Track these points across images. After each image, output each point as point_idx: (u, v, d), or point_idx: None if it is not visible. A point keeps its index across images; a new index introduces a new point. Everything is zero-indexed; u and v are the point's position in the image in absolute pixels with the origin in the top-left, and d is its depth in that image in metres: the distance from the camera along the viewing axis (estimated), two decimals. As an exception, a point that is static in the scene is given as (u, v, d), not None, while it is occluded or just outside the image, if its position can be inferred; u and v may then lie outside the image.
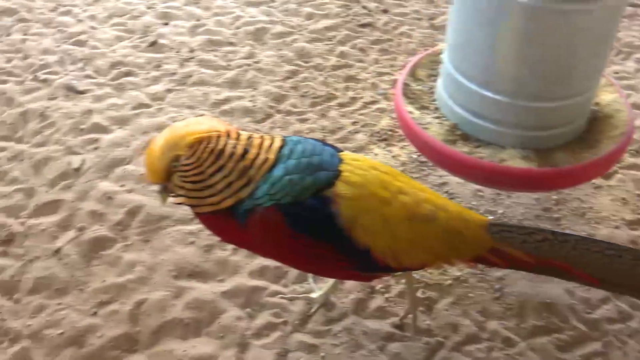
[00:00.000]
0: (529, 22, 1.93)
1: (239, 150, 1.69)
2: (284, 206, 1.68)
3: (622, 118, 2.26)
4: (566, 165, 2.12)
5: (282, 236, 1.72)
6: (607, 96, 2.37)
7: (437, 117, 2.30)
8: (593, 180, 2.61)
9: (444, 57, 2.28)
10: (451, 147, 2.17)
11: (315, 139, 1.83)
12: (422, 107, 2.35)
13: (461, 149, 2.16)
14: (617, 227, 2.49)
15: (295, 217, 1.69)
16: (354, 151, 2.76)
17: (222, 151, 1.68)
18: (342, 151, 1.82)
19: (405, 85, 2.42)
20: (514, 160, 2.12)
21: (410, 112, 2.28)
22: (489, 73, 2.09)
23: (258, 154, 1.71)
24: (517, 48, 2.00)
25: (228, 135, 1.72)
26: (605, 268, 1.74)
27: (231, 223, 1.72)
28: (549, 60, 2.00)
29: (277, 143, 1.75)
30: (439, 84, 2.35)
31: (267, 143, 1.74)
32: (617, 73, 3.33)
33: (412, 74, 2.49)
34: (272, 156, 1.71)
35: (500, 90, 2.09)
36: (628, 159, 2.81)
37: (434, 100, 2.38)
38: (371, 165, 1.80)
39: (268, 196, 1.68)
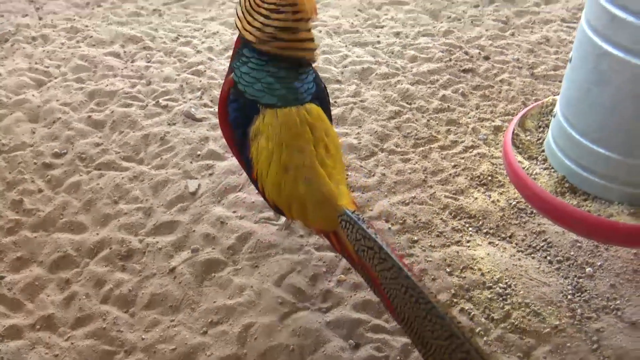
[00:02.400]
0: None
1: (289, 24, 1.96)
2: (237, 86, 2.08)
3: None
4: None
5: (222, 97, 2.16)
6: None
7: (546, 168, 2.29)
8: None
9: (557, 110, 2.28)
10: (560, 198, 2.16)
11: (323, 86, 2.21)
12: (531, 158, 2.35)
13: (570, 201, 2.16)
14: None
15: (234, 96, 2.10)
16: (454, 194, 2.78)
17: (281, 11, 1.93)
18: (323, 104, 2.18)
19: (515, 135, 2.42)
20: (622, 216, 2.10)
21: (520, 162, 2.29)
22: (603, 130, 2.08)
23: (287, 41, 2.00)
24: (635, 109, 1.99)
25: (299, 11, 1.95)
26: (406, 306, 1.85)
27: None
28: (667, 122, 1.98)
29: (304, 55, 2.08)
30: (549, 136, 2.35)
31: (304, 45, 2.05)
32: None
33: (522, 125, 2.49)
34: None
35: (613, 148, 2.08)
36: None
37: (543, 151, 2.38)
38: (313, 124, 2.08)
39: (240, 72, 2.08)
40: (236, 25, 2.08)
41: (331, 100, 3.29)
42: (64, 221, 2.60)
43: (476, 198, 2.77)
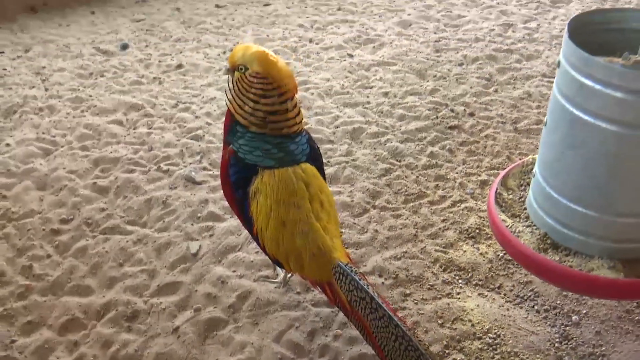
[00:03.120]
0: (620, 147, 2.03)
1: (276, 108, 2.15)
2: (236, 154, 2.24)
3: None
4: None
5: (224, 164, 2.33)
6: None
7: (529, 226, 2.38)
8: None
9: (536, 170, 2.39)
10: (542, 255, 2.25)
11: (316, 147, 2.39)
12: (514, 215, 2.45)
13: (552, 257, 2.25)
14: None
15: (234, 161, 2.25)
16: (443, 247, 2.88)
17: (268, 96, 2.13)
18: (317, 164, 2.36)
19: (498, 194, 2.53)
20: (602, 270, 2.18)
21: (504, 221, 2.39)
22: (579, 190, 2.19)
23: (277, 122, 2.19)
24: (607, 169, 2.09)
25: (284, 92, 2.15)
26: (396, 353, 2.02)
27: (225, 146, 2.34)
28: (637, 179, 2.09)
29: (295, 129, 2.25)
30: (530, 195, 2.45)
31: (293, 121, 2.23)
32: None
33: (504, 184, 2.59)
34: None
35: (589, 206, 2.17)
36: None
37: (525, 209, 2.47)
38: (308, 181, 2.26)
39: (238, 144, 2.24)
40: (227, 105, 2.28)
41: (324, 160, 3.40)
42: (72, 285, 2.69)
43: (465, 251, 2.86)
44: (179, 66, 4.37)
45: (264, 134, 2.21)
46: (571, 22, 2.18)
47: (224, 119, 3.47)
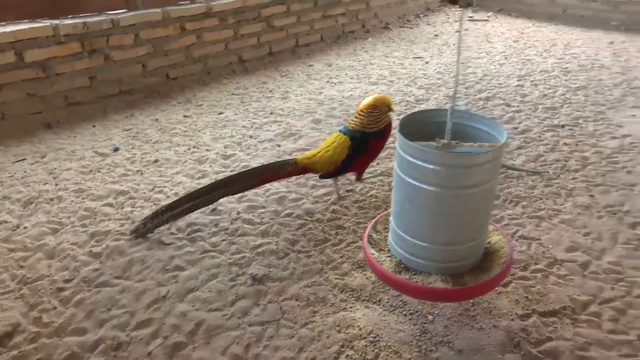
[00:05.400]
0: (437, 201, 2.19)
1: (381, 118, 3.42)
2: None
3: (504, 251, 2.46)
4: (471, 284, 2.30)
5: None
6: (495, 237, 2.59)
7: (389, 256, 2.50)
8: (496, 289, 2.76)
9: (391, 218, 2.53)
10: (398, 275, 2.36)
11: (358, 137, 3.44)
12: (381, 250, 2.56)
13: (404, 276, 2.35)
14: (512, 320, 2.61)
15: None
16: (341, 276, 2.96)
17: (380, 113, 3.40)
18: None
19: (370, 236, 2.65)
20: (437, 283, 2.30)
21: (373, 254, 2.50)
22: (416, 230, 2.33)
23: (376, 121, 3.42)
24: (432, 216, 2.25)
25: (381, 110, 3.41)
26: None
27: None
28: (453, 222, 2.24)
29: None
30: (390, 234, 2.58)
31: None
32: (510, 216, 3.54)
33: (374, 228, 2.72)
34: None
35: (424, 240, 2.31)
36: (519, 273, 2.96)
37: (387, 244, 2.59)
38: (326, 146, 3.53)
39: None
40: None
41: (259, 220, 3.49)
42: (72, 328, 2.65)
43: (356, 277, 2.95)
44: (156, 161, 4.41)
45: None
46: (402, 120, 2.37)
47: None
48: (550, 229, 3.39)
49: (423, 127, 2.45)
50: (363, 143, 3.39)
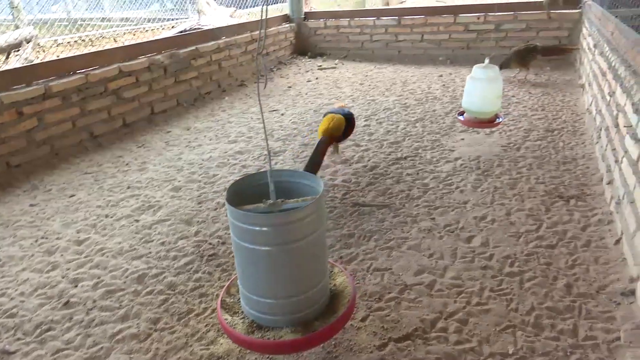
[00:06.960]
0: (271, 258, 2.31)
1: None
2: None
3: (348, 292, 2.64)
4: (320, 328, 2.42)
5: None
6: (340, 279, 2.76)
7: (242, 318, 2.54)
8: (355, 324, 2.92)
9: (239, 280, 2.60)
10: (250, 336, 2.41)
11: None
12: (234, 313, 2.60)
13: (256, 336, 2.41)
14: (371, 352, 2.76)
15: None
16: (207, 345, 2.94)
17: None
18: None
19: (223, 300, 2.68)
20: (288, 335, 2.39)
21: (226, 319, 2.53)
22: (258, 288, 2.41)
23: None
24: (268, 273, 2.35)
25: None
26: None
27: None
28: (290, 275, 2.36)
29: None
30: (240, 296, 2.64)
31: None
32: (364, 251, 3.78)
33: (228, 292, 2.76)
34: None
35: (268, 296, 2.40)
36: (375, 305, 3.16)
37: (240, 307, 2.64)
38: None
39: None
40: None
41: (117, 305, 3.35)
42: None
43: (222, 343, 2.94)
44: (-2, 261, 4.06)
45: None
46: (230, 187, 2.49)
47: (35, 294, 3.31)
48: (399, 257, 3.69)
49: (255, 189, 2.59)
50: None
